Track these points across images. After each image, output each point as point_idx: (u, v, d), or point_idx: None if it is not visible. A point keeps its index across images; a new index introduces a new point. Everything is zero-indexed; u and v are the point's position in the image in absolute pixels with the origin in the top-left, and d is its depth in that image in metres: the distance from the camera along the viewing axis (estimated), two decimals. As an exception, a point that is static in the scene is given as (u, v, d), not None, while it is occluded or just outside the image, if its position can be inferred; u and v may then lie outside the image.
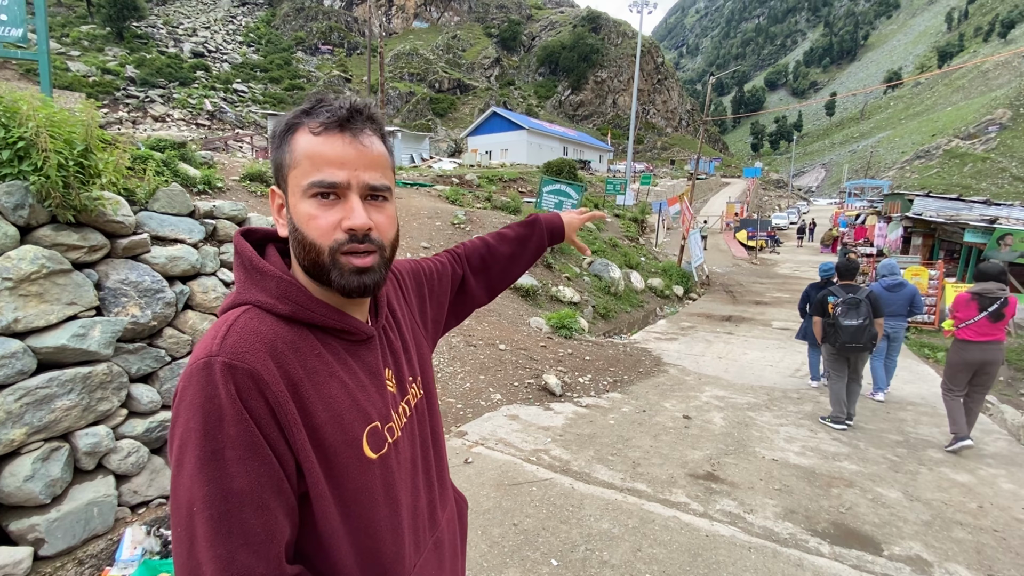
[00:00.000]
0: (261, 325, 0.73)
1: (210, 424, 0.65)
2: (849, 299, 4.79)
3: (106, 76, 43.25)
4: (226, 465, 0.65)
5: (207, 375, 0.67)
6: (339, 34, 75.75)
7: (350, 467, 0.76)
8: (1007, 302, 4.29)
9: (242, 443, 0.66)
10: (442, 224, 10.28)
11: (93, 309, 2.83)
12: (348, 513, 0.76)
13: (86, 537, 2.63)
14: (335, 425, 0.75)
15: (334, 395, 0.75)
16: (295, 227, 0.76)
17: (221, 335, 0.70)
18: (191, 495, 0.65)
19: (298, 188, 0.74)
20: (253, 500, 0.66)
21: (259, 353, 0.70)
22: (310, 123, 0.74)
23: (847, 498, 3.59)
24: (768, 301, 13.45)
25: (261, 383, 0.68)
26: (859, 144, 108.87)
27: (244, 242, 0.81)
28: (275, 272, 0.77)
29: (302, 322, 0.76)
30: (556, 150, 42.43)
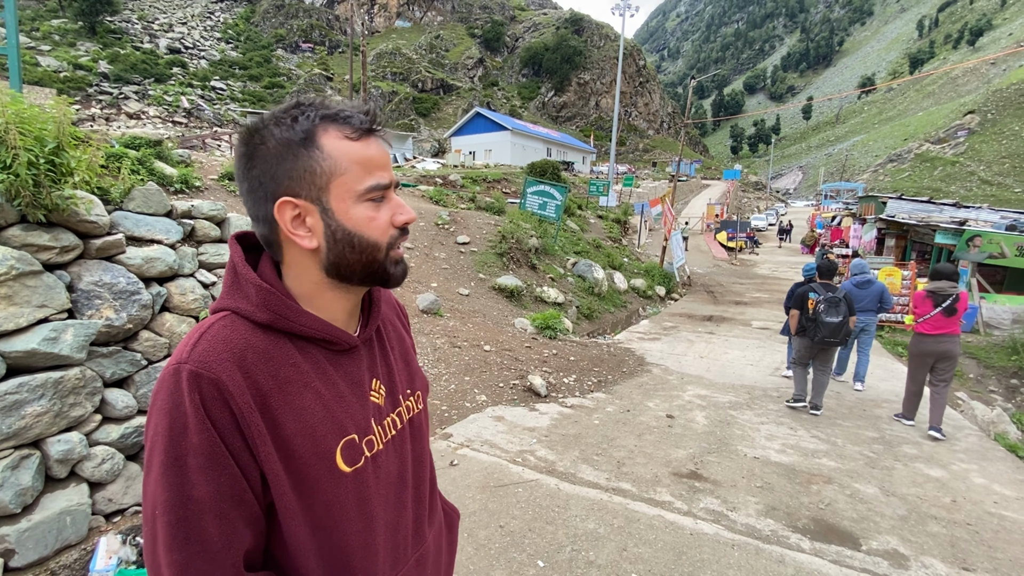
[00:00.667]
0: (233, 333, 0.73)
1: (175, 431, 0.67)
2: (830, 297, 5.08)
3: (78, 72, 42.05)
4: (187, 473, 0.66)
5: (175, 382, 0.68)
6: (320, 32, 74.84)
7: (320, 480, 0.75)
8: (958, 298, 4.70)
9: (204, 452, 0.67)
10: (426, 225, 10.23)
11: (65, 312, 2.74)
12: (317, 526, 0.76)
13: (59, 547, 2.55)
14: (306, 437, 0.74)
15: (307, 406, 0.75)
16: (349, 232, 0.76)
17: (192, 342, 0.72)
18: (155, 498, 0.67)
19: (350, 194, 0.75)
20: (212, 509, 0.67)
21: (225, 363, 0.70)
22: (343, 128, 0.75)
23: (826, 494, 3.67)
24: (748, 301, 13.68)
25: (226, 393, 0.68)
26: (835, 147, 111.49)
27: (236, 246, 0.81)
28: (255, 280, 0.76)
29: (281, 331, 0.76)
30: (540, 151, 42.59)
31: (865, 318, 6.30)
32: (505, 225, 10.90)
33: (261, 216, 0.77)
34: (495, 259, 9.78)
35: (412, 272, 8.20)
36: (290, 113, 0.74)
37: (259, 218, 0.77)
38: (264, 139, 0.74)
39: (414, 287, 7.70)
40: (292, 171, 0.73)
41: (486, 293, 8.60)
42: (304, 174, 0.73)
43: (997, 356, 9.45)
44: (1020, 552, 3.07)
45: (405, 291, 7.42)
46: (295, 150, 0.73)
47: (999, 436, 5.04)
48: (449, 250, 9.57)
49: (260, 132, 0.74)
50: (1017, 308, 11.06)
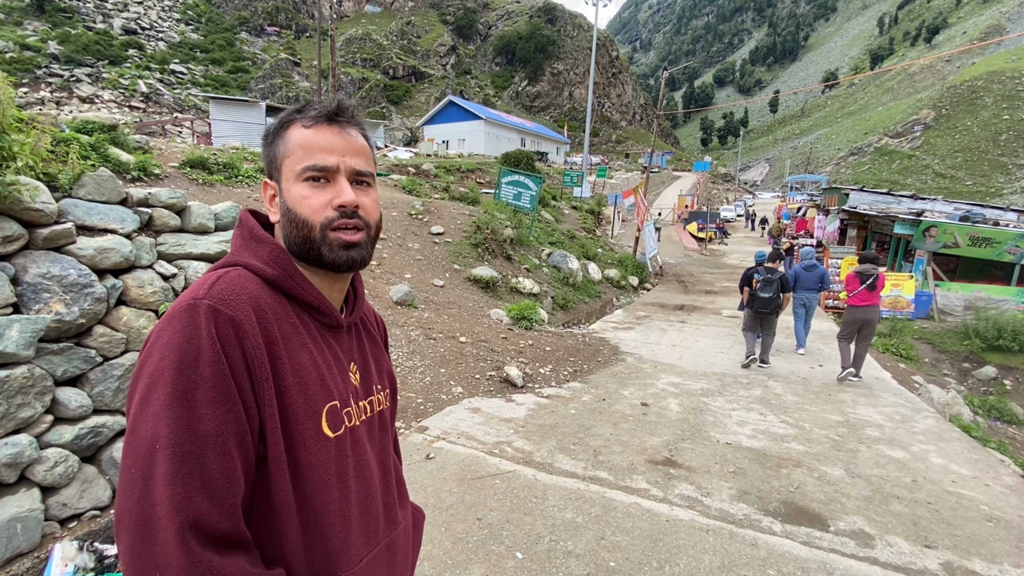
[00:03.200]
0: (247, 282, 0.77)
1: (186, 363, 0.67)
2: (766, 278, 6.60)
3: (25, 52, 39.62)
4: (196, 405, 0.66)
5: (190, 315, 0.69)
6: (286, 15, 72.34)
7: (307, 439, 0.77)
8: (878, 277, 6.13)
9: (215, 386, 0.67)
10: (399, 215, 10.04)
11: (10, 306, 2.56)
12: (299, 488, 0.76)
13: (9, 556, 2.40)
14: (300, 392, 0.76)
15: (303, 363, 0.78)
16: (288, 209, 0.82)
17: (209, 283, 0.74)
18: (155, 432, 0.65)
19: (292, 173, 0.82)
20: (217, 445, 0.66)
21: (243, 304, 0.73)
22: (302, 119, 0.83)
23: (796, 477, 3.77)
24: (718, 290, 13.96)
25: (241, 332, 0.70)
26: (800, 140, 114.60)
27: (250, 216, 0.88)
28: (270, 239, 0.84)
29: (284, 291, 0.81)
30: (514, 141, 42.36)
31: (807, 295, 7.50)
32: (480, 215, 10.80)
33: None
34: (470, 250, 9.69)
35: (385, 263, 8.04)
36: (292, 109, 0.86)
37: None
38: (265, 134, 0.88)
39: (387, 278, 7.56)
40: (268, 155, 0.87)
41: (461, 284, 8.51)
42: (272, 158, 0.86)
43: (950, 341, 9.92)
44: (977, 529, 3.22)
45: (378, 283, 7.28)
46: (272, 139, 0.86)
47: (954, 418, 5.28)
48: (423, 241, 9.43)
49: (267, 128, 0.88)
50: (969, 295, 11.61)
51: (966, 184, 54.50)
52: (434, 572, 2.59)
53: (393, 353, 5.54)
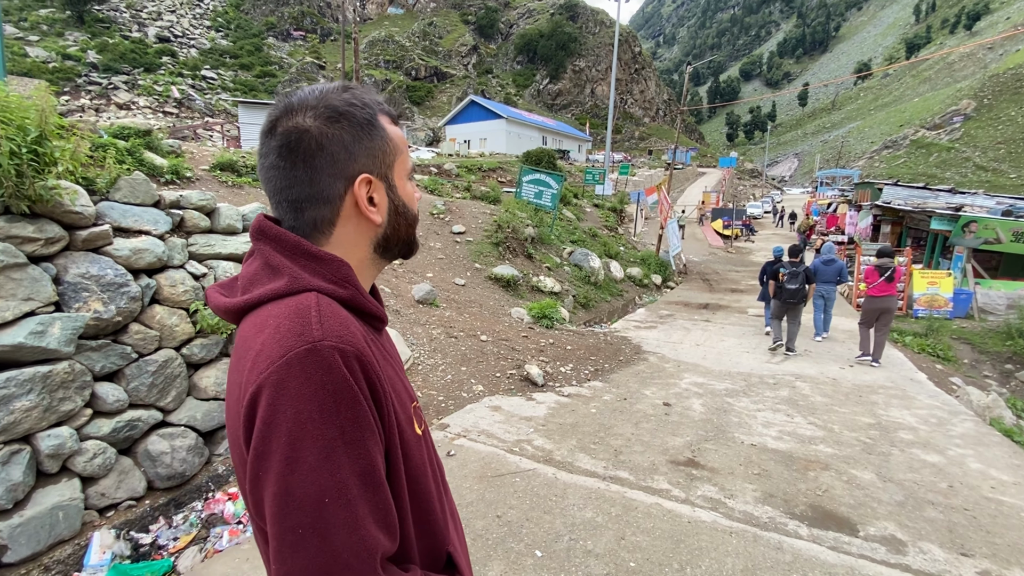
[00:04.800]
0: (338, 310, 0.72)
1: (327, 409, 0.64)
2: (792, 271, 7.32)
3: (67, 62, 41.36)
4: (349, 448, 0.65)
5: (316, 360, 0.65)
6: (312, 19, 73.73)
7: (411, 443, 0.79)
8: (895, 270, 6.89)
9: (360, 424, 0.67)
10: (421, 214, 10.14)
11: (52, 305, 2.69)
12: (411, 489, 0.79)
13: (51, 543, 2.52)
14: (398, 402, 0.78)
15: (390, 375, 0.78)
16: (405, 207, 0.84)
17: (315, 320, 0.68)
18: (319, 488, 0.63)
19: (405, 172, 0.83)
20: (375, 479, 0.67)
21: (358, 336, 0.70)
22: (389, 113, 0.83)
23: (823, 481, 3.67)
24: (744, 289, 13.68)
25: (365, 364, 0.69)
26: (830, 134, 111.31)
27: (278, 227, 0.78)
28: (334, 256, 0.76)
29: (352, 307, 0.77)
30: (535, 139, 42.29)
31: (826, 287, 8.07)
32: (501, 214, 10.82)
33: (325, 195, 0.76)
34: (491, 249, 9.72)
35: (407, 262, 8.14)
36: (353, 95, 0.78)
37: (319, 198, 0.76)
38: (336, 117, 0.75)
39: (409, 277, 7.65)
40: (370, 149, 0.78)
41: (482, 283, 8.55)
42: (378, 153, 0.79)
43: (992, 341, 9.50)
44: (1018, 537, 3.09)
45: (401, 281, 7.37)
46: (370, 130, 0.78)
47: (995, 421, 5.07)
48: (444, 240, 9.50)
49: (321, 109, 0.75)
50: (1012, 294, 11.11)
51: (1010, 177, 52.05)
52: (454, 568, 2.62)
53: (415, 351, 5.61)
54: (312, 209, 0.77)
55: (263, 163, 0.77)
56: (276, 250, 0.76)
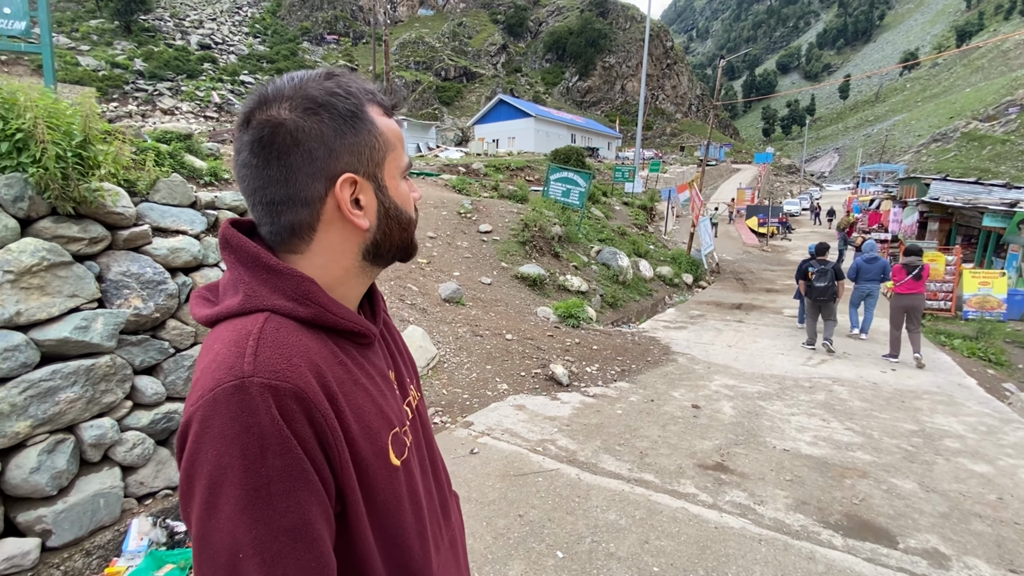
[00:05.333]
0: (290, 335, 0.64)
1: (250, 457, 0.57)
2: (820, 268, 7.32)
3: (115, 70, 43.45)
4: (274, 501, 0.57)
5: (242, 401, 0.57)
6: (344, 23, 75.30)
7: (380, 478, 0.70)
8: (923, 268, 6.82)
9: (290, 474, 0.58)
10: (448, 214, 10.22)
11: (95, 301, 2.82)
12: (378, 525, 0.71)
13: (93, 528, 2.65)
14: (366, 436, 0.69)
15: (361, 404, 0.69)
16: (397, 209, 0.75)
17: (250, 351, 0.60)
18: (234, 541, 0.56)
19: (398, 170, 0.75)
20: (306, 535, 0.59)
21: (300, 369, 0.61)
22: (381, 103, 0.74)
23: (861, 489, 3.52)
24: (779, 288, 13.27)
25: (307, 404, 0.60)
26: (874, 128, 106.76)
27: (241, 235, 0.69)
28: (293, 270, 0.67)
29: (320, 327, 0.69)
30: (564, 137, 42.07)
31: (870, 285, 7.95)
32: (528, 213, 10.80)
33: (302, 197, 0.67)
34: (517, 247, 9.72)
35: (434, 261, 8.21)
36: (337, 83, 0.69)
37: (296, 200, 0.67)
38: (314, 109, 0.66)
39: (436, 276, 7.71)
40: (354, 145, 0.68)
41: (508, 282, 8.55)
42: (364, 149, 0.69)
43: (1049, 345, 8.91)
44: (1073, 554, 2.89)
45: (428, 280, 7.44)
46: (354, 124, 0.68)
47: (1051, 430, 4.75)
48: (471, 239, 9.55)
49: (300, 101, 0.66)
50: (1073, 294, 10.40)
51: (1072, 170, 48.83)
52: (474, 566, 2.62)
53: (440, 349, 5.66)
54: (289, 212, 0.68)
55: (236, 160, 0.68)
56: (237, 261, 0.68)
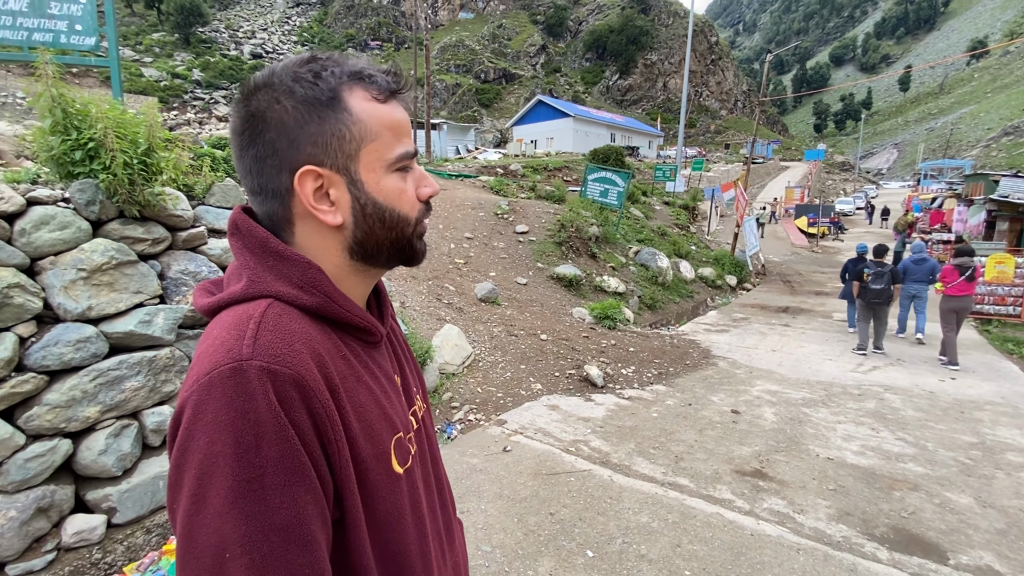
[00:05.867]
0: (292, 321, 0.61)
1: (244, 445, 0.53)
2: (877, 271, 7.05)
3: (175, 80, 46.15)
4: (267, 495, 0.53)
5: (238, 384, 0.54)
6: (387, 29, 77.22)
7: (381, 484, 0.66)
8: (975, 269, 6.78)
9: (285, 467, 0.54)
10: (485, 215, 10.33)
11: (157, 297, 3.04)
12: (378, 539, 0.66)
13: (153, 508, 2.85)
14: (367, 437, 0.65)
15: (363, 402, 0.66)
16: (379, 206, 0.67)
17: (250, 334, 0.57)
18: (222, 538, 0.52)
19: (381, 162, 0.66)
20: (300, 535, 0.55)
21: (302, 355, 0.58)
22: (369, 89, 0.66)
23: (910, 502, 3.35)
24: (829, 291, 12.70)
25: (307, 391, 0.57)
26: (937, 121, 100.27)
27: (251, 221, 0.67)
28: (300, 257, 0.65)
29: (324, 318, 0.66)
30: (603, 137, 41.64)
31: (917, 287, 7.81)
32: (564, 214, 10.79)
33: (271, 189, 0.65)
34: (553, 248, 9.72)
35: (471, 262, 8.33)
36: (309, 68, 0.64)
37: (267, 191, 0.65)
38: (279, 96, 0.62)
39: (473, 276, 7.83)
40: (317, 136, 0.63)
41: (544, 282, 8.58)
42: (331, 139, 0.63)
43: None
44: None
45: (464, 280, 7.56)
46: (320, 111, 0.63)
47: None
48: (508, 240, 9.63)
49: (273, 88, 0.63)
50: None
51: None
52: (505, 560, 2.67)
53: (476, 348, 5.75)
54: (266, 203, 0.66)
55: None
56: (244, 247, 0.66)
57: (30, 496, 2.44)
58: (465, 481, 3.46)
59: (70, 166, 2.78)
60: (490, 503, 3.20)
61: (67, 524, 2.54)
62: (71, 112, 2.73)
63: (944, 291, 6.87)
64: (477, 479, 3.50)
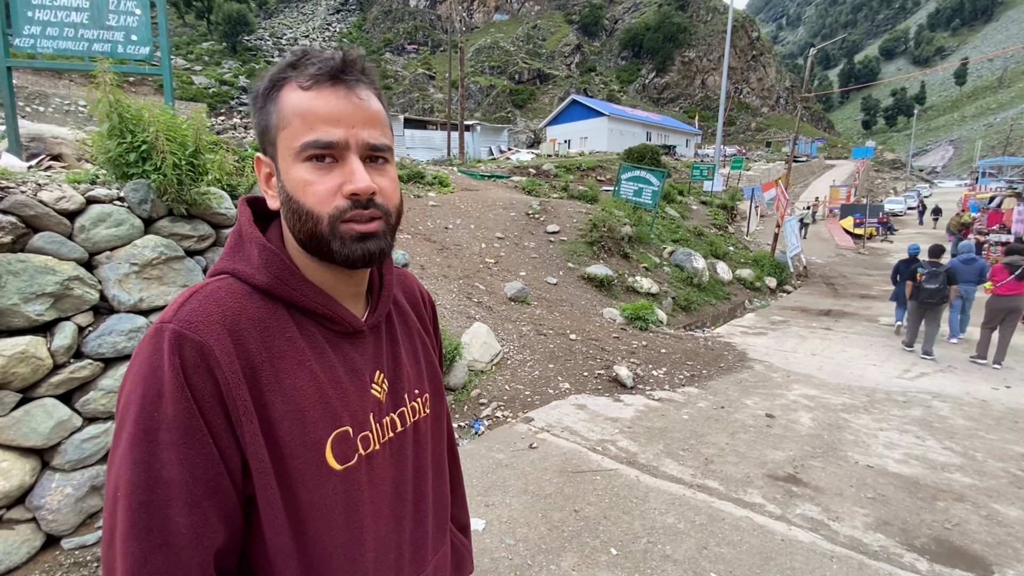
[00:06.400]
0: (228, 296, 0.65)
1: (148, 399, 0.58)
2: (932, 271, 6.94)
3: (223, 87, 48.24)
4: (158, 449, 0.57)
5: (155, 343, 0.59)
6: (424, 33, 78.44)
7: (307, 475, 0.65)
8: None
9: (178, 426, 0.58)
10: (517, 215, 10.38)
11: (201, 291, 3.21)
12: (300, 530, 0.66)
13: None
14: (294, 422, 0.65)
15: (299, 386, 0.66)
16: (289, 196, 0.66)
17: (181, 301, 0.63)
18: (118, 476, 0.57)
19: (290, 151, 0.65)
20: (182, 495, 0.57)
21: (215, 326, 0.61)
22: (298, 78, 0.65)
23: (955, 513, 3.19)
24: (876, 295, 12.16)
25: (211, 359, 0.60)
26: (996, 116, 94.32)
27: (245, 208, 0.73)
28: (259, 239, 0.69)
29: (280, 299, 0.68)
30: (639, 136, 41.05)
31: (966, 288, 7.75)
32: (597, 213, 10.71)
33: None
34: (585, 248, 9.67)
35: (502, 261, 8.39)
36: (281, 64, 0.68)
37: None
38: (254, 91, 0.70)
39: (503, 275, 7.88)
40: (257, 124, 0.69)
41: (574, 282, 8.54)
42: (263, 129, 0.68)
43: None
44: None
45: (495, 279, 7.62)
46: (260, 102, 0.68)
47: None
48: (538, 239, 9.64)
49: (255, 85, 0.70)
50: None
51: None
52: (528, 553, 2.70)
53: (504, 346, 5.79)
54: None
55: None
56: (232, 232, 0.73)
57: (85, 475, 2.62)
58: (491, 476, 3.51)
59: (125, 167, 2.97)
60: (515, 498, 3.23)
61: (119, 502, 2.72)
62: (126, 117, 2.92)
63: (993, 290, 6.74)
64: (503, 474, 3.53)
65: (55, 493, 2.52)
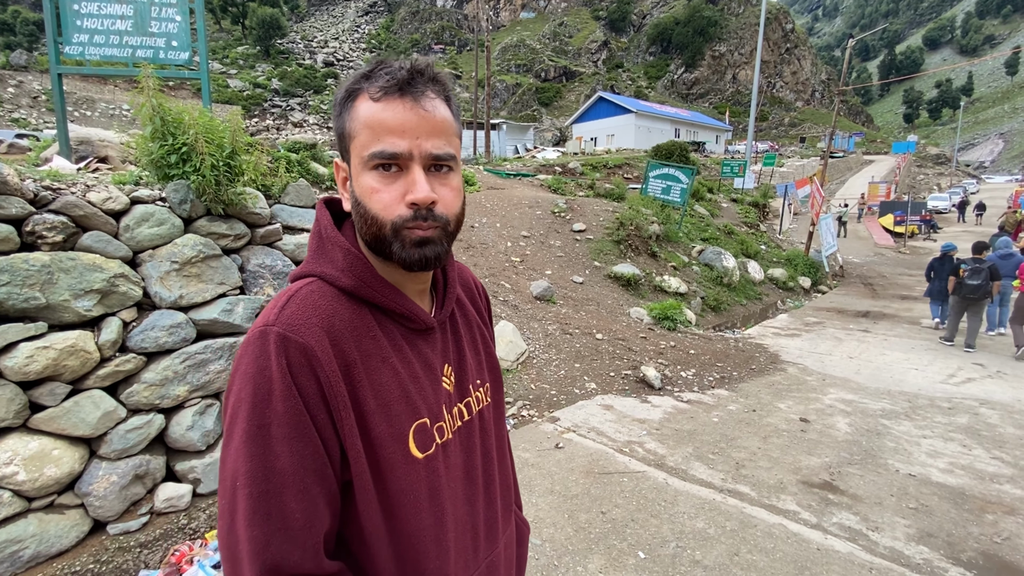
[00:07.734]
0: (321, 299, 0.71)
1: (259, 397, 0.63)
2: (974, 267, 7.07)
3: (257, 90, 49.61)
4: (271, 442, 0.63)
5: (261, 345, 0.65)
6: (450, 32, 78.95)
7: (395, 463, 0.71)
8: None
9: (288, 421, 0.63)
10: (542, 213, 10.34)
11: (238, 288, 3.30)
12: (390, 514, 0.72)
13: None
14: (383, 415, 0.70)
15: (385, 382, 0.71)
16: (358, 200, 0.71)
17: (280, 305, 0.69)
18: (235, 468, 0.63)
19: (360, 159, 0.70)
20: (295, 483, 0.64)
21: (314, 328, 0.67)
22: (369, 88, 0.69)
23: (1005, 527, 3.03)
24: (917, 296, 11.66)
25: (314, 359, 0.65)
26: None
27: (324, 210, 0.79)
28: (343, 243, 0.74)
29: (363, 300, 0.74)
30: (667, 132, 40.41)
31: (1004, 283, 7.78)
32: (623, 211, 10.59)
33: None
34: (612, 247, 9.57)
35: (527, 260, 8.37)
36: (359, 73, 0.73)
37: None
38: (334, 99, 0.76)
39: (529, 274, 7.86)
40: (337, 130, 0.74)
41: (600, 281, 8.47)
42: (340, 136, 0.74)
43: None
44: None
45: (520, 278, 7.61)
46: (338, 109, 0.73)
47: None
48: (564, 238, 9.58)
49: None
50: None
51: None
52: (555, 554, 2.68)
53: (530, 345, 5.78)
54: None
55: None
56: (312, 234, 0.78)
57: (129, 464, 2.73)
58: (517, 475, 3.50)
59: (166, 168, 3.07)
60: (541, 498, 3.22)
61: (159, 491, 2.83)
62: (168, 120, 3.02)
63: (1022, 288, 6.99)
64: (528, 473, 3.53)
65: (102, 480, 2.63)
